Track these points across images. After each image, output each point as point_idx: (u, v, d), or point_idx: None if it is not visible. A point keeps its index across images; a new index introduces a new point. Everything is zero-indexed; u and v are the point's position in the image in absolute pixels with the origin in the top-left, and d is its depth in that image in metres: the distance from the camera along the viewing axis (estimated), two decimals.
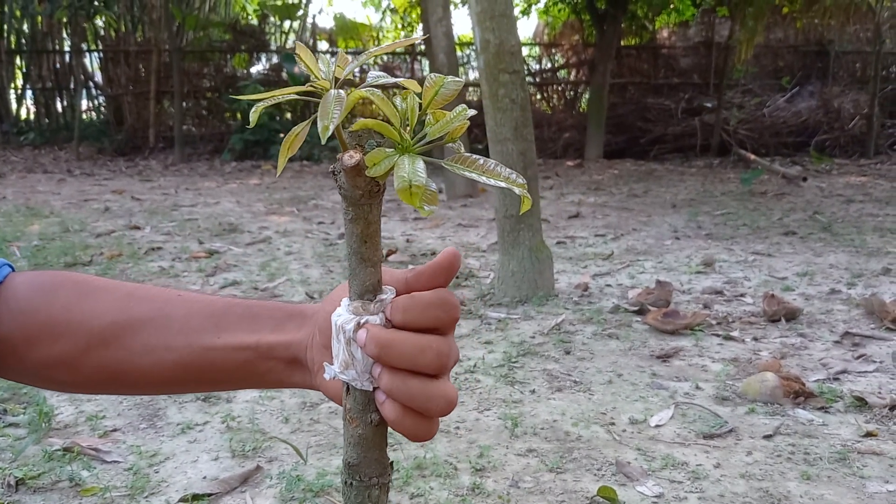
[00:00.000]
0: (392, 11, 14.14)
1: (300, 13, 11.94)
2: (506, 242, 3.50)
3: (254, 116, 0.50)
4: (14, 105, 11.56)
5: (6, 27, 11.23)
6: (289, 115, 10.71)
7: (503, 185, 0.50)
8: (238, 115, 10.82)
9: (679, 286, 3.75)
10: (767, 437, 2.15)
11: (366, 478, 0.56)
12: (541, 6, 12.26)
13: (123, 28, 11.22)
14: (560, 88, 11.68)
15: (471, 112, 0.51)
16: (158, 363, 0.61)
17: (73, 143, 10.04)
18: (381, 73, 0.51)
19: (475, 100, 9.90)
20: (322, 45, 11.98)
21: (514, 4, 11.55)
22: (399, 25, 13.90)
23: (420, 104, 0.51)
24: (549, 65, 11.84)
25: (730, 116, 10.30)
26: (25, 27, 11.35)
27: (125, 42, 11.00)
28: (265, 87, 10.24)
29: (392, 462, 0.58)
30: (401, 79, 0.50)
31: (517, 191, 0.50)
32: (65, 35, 11.21)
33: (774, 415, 2.30)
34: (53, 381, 0.65)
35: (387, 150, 0.48)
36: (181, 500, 1.83)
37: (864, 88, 10.46)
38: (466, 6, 6.67)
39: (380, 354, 0.50)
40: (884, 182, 7.74)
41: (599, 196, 7.05)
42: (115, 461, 2.03)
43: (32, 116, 11.58)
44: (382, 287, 0.55)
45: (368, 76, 0.51)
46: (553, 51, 11.81)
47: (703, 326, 3.10)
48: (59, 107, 11.42)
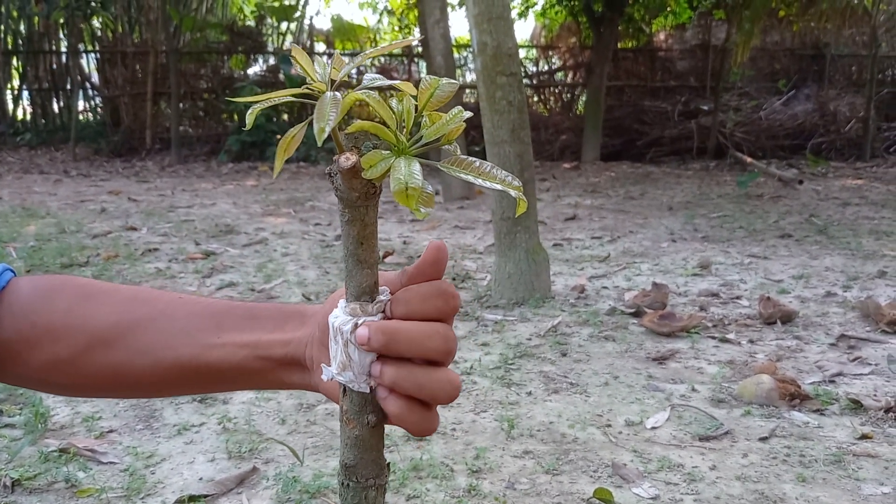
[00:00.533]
0: (389, 13, 14.15)
1: (297, 15, 11.95)
2: (502, 244, 3.51)
3: (250, 118, 0.50)
4: (10, 106, 11.54)
5: (3, 28, 11.22)
6: (286, 117, 10.71)
7: (499, 188, 0.50)
8: (235, 117, 10.82)
9: (675, 288, 3.76)
10: (763, 440, 2.15)
11: (363, 479, 0.56)
12: (538, 9, 12.29)
13: (120, 29, 11.21)
14: (557, 91, 11.70)
15: (467, 114, 0.51)
16: (158, 363, 0.61)
17: (70, 144, 10.02)
18: (377, 76, 0.51)
19: (472, 102, 9.91)
20: (319, 47, 11.98)
21: (512, 7, 11.58)
22: (396, 27, 13.92)
23: (416, 106, 0.51)
24: (546, 67, 11.85)
25: (726, 119, 10.32)
26: (22, 28, 11.33)
27: (122, 43, 10.99)
28: (262, 89, 10.24)
29: (389, 463, 0.58)
30: (397, 81, 0.51)
31: (513, 193, 0.50)
32: (62, 36, 11.19)
33: (770, 417, 2.30)
34: (54, 385, 0.65)
35: (383, 153, 0.48)
36: (177, 502, 1.83)
37: (860, 92, 10.49)
38: (464, 8, 6.69)
39: (387, 343, 0.51)
40: (879, 185, 7.76)
41: (596, 198, 7.06)
42: (112, 462, 2.03)
43: (29, 117, 11.56)
44: (379, 288, 0.55)
45: (365, 78, 0.51)
46: (550, 53, 11.82)
47: (700, 329, 3.10)
48: (56, 107, 11.40)
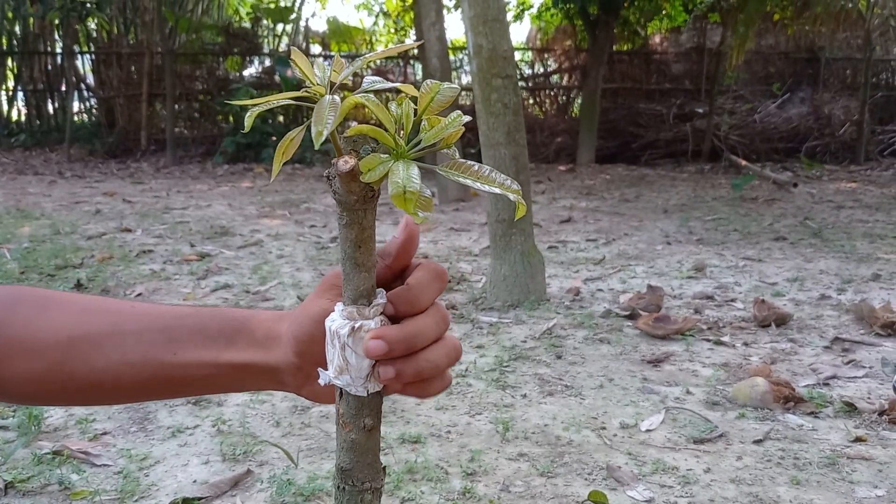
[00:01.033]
0: (385, 15, 14.15)
1: (293, 16, 11.94)
2: (498, 247, 3.51)
3: (248, 121, 0.50)
4: (5, 106, 11.51)
5: None
6: (281, 119, 10.70)
7: (497, 192, 0.50)
8: (230, 118, 10.80)
9: (670, 291, 3.76)
10: (757, 442, 2.16)
11: (358, 482, 0.56)
12: (534, 11, 12.30)
13: (116, 30, 11.18)
14: (552, 93, 11.71)
15: (466, 118, 0.51)
16: (121, 377, 0.61)
17: (65, 145, 9.99)
18: (377, 78, 0.51)
19: (468, 104, 9.92)
20: (315, 49, 11.98)
21: (507, 9, 11.59)
22: (392, 29, 13.92)
23: (415, 110, 0.51)
24: (542, 70, 11.86)
25: (721, 122, 10.34)
26: (17, 29, 11.30)
27: (117, 44, 10.97)
28: (258, 90, 10.23)
29: (384, 467, 0.58)
30: (397, 84, 0.51)
31: (512, 197, 0.50)
32: (57, 37, 11.16)
33: (764, 420, 2.31)
34: (24, 397, 0.64)
35: (381, 156, 0.48)
36: None
37: (855, 95, 10.53)
38: (459, 11, 6.69)
39: (409, 348, 0.52)
40: (873, 188, 7.79)
41: (591, 201, 7.07)
42: (105, 465, 2.02)
43: (24, 118, 11.53)
44: (376, 290, 0.55)
45: (364, 81, 0.51)
46: (546, 56, 11.83)
47: (694, 331, 3.11)
48: (51, 108, 11.37)
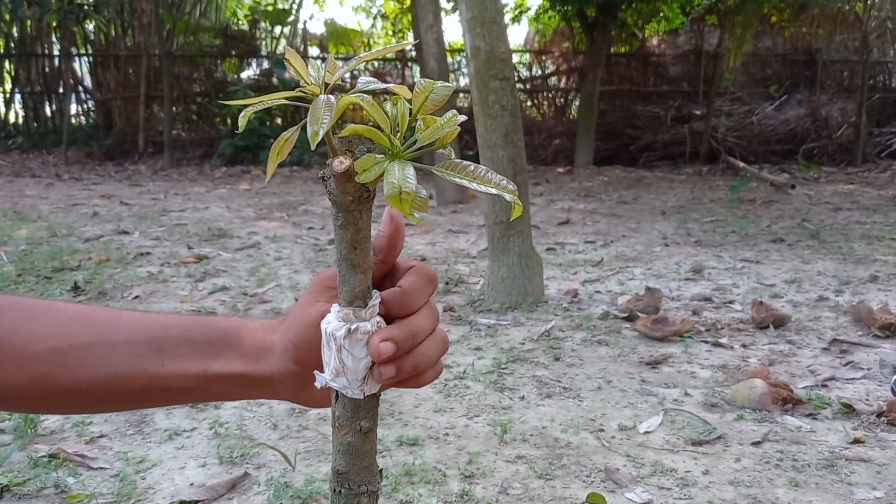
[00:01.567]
0: (383, 17, 14.16)
1: (291, 18, 11.94)
2: (495, 249, 3.50)
3: (242, 121, 0.50)
4: (2, 109, 11.50)
5: None
6: (279, 121, 10.69)
7: (493, 192, 0.50)
8: (228, 121, 10.80)
9: (668, 293, 3.76)
10: (756, 444, 2.16)
11: (355, 486, 0.56)
12: (531, 13, 12.31)
13: (113, 32, 11.18)
14: (550, 95, 11.72)
15: (461, 118, 0.51)
16: (110, 387, 0.61)
17: (62, 148, 9.98)
18: (372, 79, 0.51)
19: (466, 106, 9.92)
20: (313, 51, 11.98)
21: (505, 11, 11.59)
22: (390, 31, 13.92)
23: (410, 110, 0.51)
24: (540, 72, 11.87)
25: (719, 124, 10.35)
26: (14, 31, 11.29)
27: (115, 46, 10.96)
28: (255, 93, 10.19)
29: (381, 469, 0.57)
30: (391, 84, 0.50)
31: (508, 197, 0.50)
32: (54, 39, 11.15)
33: (763, 421, 2.31)
34: (11, 404, 0.64)
35: (377, 156, 0.48)
36: None
37: (852, 97, 10.55)
38: (457, 13, 6.69)
39: (410, 347, 0.54)
40: (871, 190, 7.80)
41: (589, 203, 7.07)
42: (102, 468, 2.01)
43: (21, 120, 11.51)
44: (371, 292, 0.54)
45: (359, 81, 0.51)
46: (543, 58, 11.84)
47: (692, 333, 3.11)
48: (48, 111, 11.36)
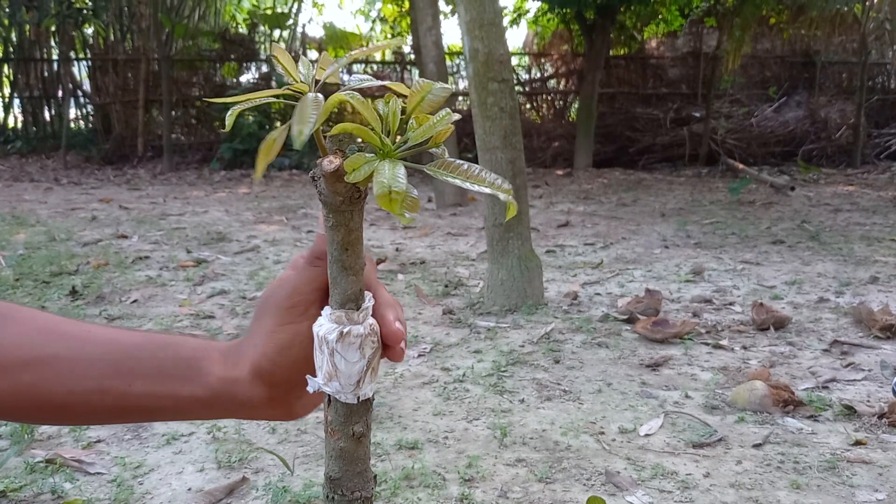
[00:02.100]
0: (382, 21, 14.17)
1: (290, 22, 11.95)
2: (495, 251, 3.50)
3: (230, 119, 0.49)
4: (1, 113, 11.49)
5: None
6: (278, 124, 10.69)
7: (487, 191, 0.49)
8: (227, 128, 10.79)
9: (668, 295, 3.75)
10: (757, 446, 2.14)
11: (348, 492, 0.55)
12: (530, 16, 12.32)
13: (112, 36, 11.17)
14: (549, 98, 11.72)
15: (455, 116, 0.50)
16: (80, 403, 0.60)
17: (61, 152, 9.97)
18: (366, 76, 0.50)
19: (464, 109, 9.92)
20: (311, 55, 11.98)
21: (504, 14, 11.60)
22: (389, 35, 13.93)
23: (403, 108, 0.50)
24: (539, 74, 11.88)
25: (718, 126, 10.35)
26: (13, 35, 11.29)
27: (114, 50, 10.96)
28: None
29: (375, 475, 0.56)
30: (386, 82, 0.49)
31: (502, 196, 0.49)
32: (53, 43, 11.15)
33: (764, 423, 2.29)
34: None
35: (367, 156, 0.47)
36: None
37: (851, 99, 10.55)
38: (456, 16, 6.69)
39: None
40: (870, 191, 7.79)
41: (589, 205, 7.06)
42: (99, 473, 2.00)
43: (20, 125, 11.51)
44: (364, 294, 0.54)
45: (352, 78, 0.50)
46: (542, 60, 11.84)
47: (693, 335, 3.10)
48: (47, 115, 11.35)
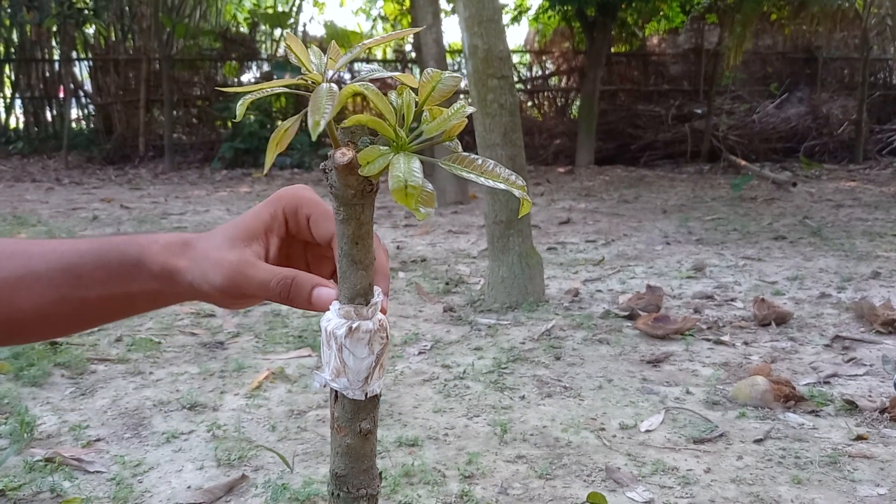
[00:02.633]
0: (382, 19, 14.17)
1: (291, 21, 11.94)
2: (496, 249, 3.49)
3: (241, 109, 0.49)
4: (3, 114, 11.50)
5: None
6: (280, 124, 10.68)
7: (502, 187, 0.48)
8: (228, 124, 10.80)
9: (670, 291, 3.74)
10: (758, 442, 2.14)
11: (353, 489, 0.54)
12: (531, 14, 12.30)
13: (113, 37, 11.17)
14: (551, 95, 11.70)
15: (470, 109, 0.49)
16: (48, 316, 0.64)
17: (62, 152, 9.98)
18: (377, 67, 0.50)
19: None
20: (318, 49, 11.97)
21: (505, 11, 11.59)
22: (389, 33, 13.93)
23: (416, 101, 0.49)
24: (540, 72, 11.86)
25: (719, 122, 10.33)
26: (14, 36, 11.29)
27: (115, 51, 10.96)
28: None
29: (381, 472, 0.56)
30: (397, 73, 0.49)
31: (517, 193, 0.48)
32: (54, 44, 11.15)
33: (765, 419, 2.29)
34: None
35: (381, 148, 0.46)
36: None
37: (852, 94, 10.52)
38: (456, 13, 6.68)
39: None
40: (872, 187, 7.78)
41: (590, 202, 7.05)
42: (98, 471, 2.00)
43: (21, 125, 11.51)
44: (373, 289, 0.53)
45: (363, 70, 0.49)
46: (544, 58, 11.83)
47: (694, 331, 3.09)
48: (49, 116, 11.36)
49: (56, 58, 11.16)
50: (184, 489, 1.91)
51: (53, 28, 10.37)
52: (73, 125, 11.02)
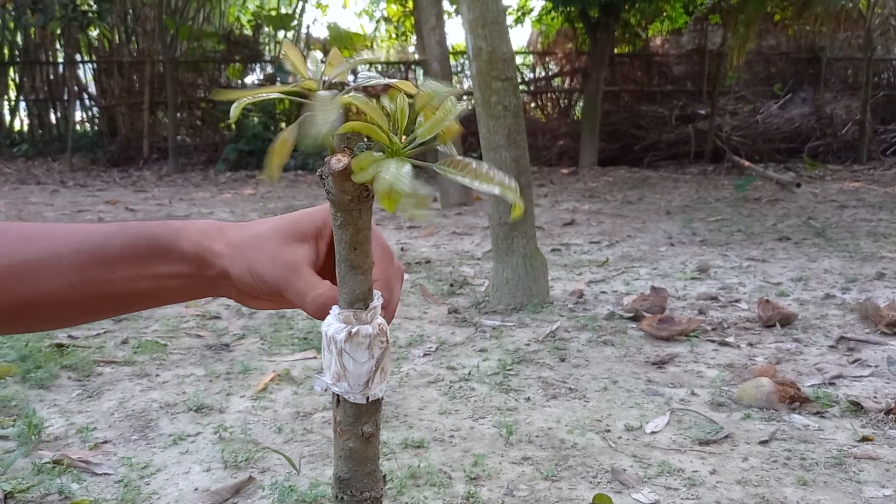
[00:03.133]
0: (386, 21, 14.17)
1: (294, 23, 11.96)
2: (500, 250, 3.49)
3: (235, 111, 0.49)
4: (7, 117, 11.53)
5: None
6: (283, 125, 10.70)
7: (497, 191, 0.48)
8: (232, 126, 10.82)
9: (674, 292, 3.74)
10: (763, 443, 2.14)
11: (357, 492, 0.54)
12: (534, 15, 12.31)
13: (117, 39, 11.21)
14: (554, 96, 11.71)
15: (460, 106, 0.49)
16: (65, 299, 0.62)
17: (67, 155, 10.01)
18: (374, 74, 0.50)
19: (469, 108, 9.91)
20: (316, 56, 11.98)
21: (508, 13, 11.59)
22: (393, 35, 13.93)
23: (411, 105, 0.49)
24: (543, 73, 11.86)
25: (723, 123, 10.33)
26: (18, 39, 11.33)
27: (119, 53, 11.00)
28: None
29: (384, 475, 0.56)
30: (393, 80, 0.49)
31: (509, 197, 0.48)
32: (58, 46, 11.19)
33: (770, 420, 2.29)
34: None
35: (375, 154, 0.47)
36: None
37: (856, 95, 10.51)
38: (459, 15, 6.69)
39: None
40: (877, 187, 7.76)
41: (594, 203, 7.05)
42: (106, 473, 2.01)
43: (26, 128, 11.55)
44: (373, 293, 0.53)
45: (360, 76, 0.49)
46: (547, 59, 11.83)
47: (699, 332, 3.09)
48: (53, 118, 11.39)
49: (60, 60, 11.19)
50: (191, 491, 1.92)
51: (57, 31, 10.40)
52: (78, 127, 11.06)
